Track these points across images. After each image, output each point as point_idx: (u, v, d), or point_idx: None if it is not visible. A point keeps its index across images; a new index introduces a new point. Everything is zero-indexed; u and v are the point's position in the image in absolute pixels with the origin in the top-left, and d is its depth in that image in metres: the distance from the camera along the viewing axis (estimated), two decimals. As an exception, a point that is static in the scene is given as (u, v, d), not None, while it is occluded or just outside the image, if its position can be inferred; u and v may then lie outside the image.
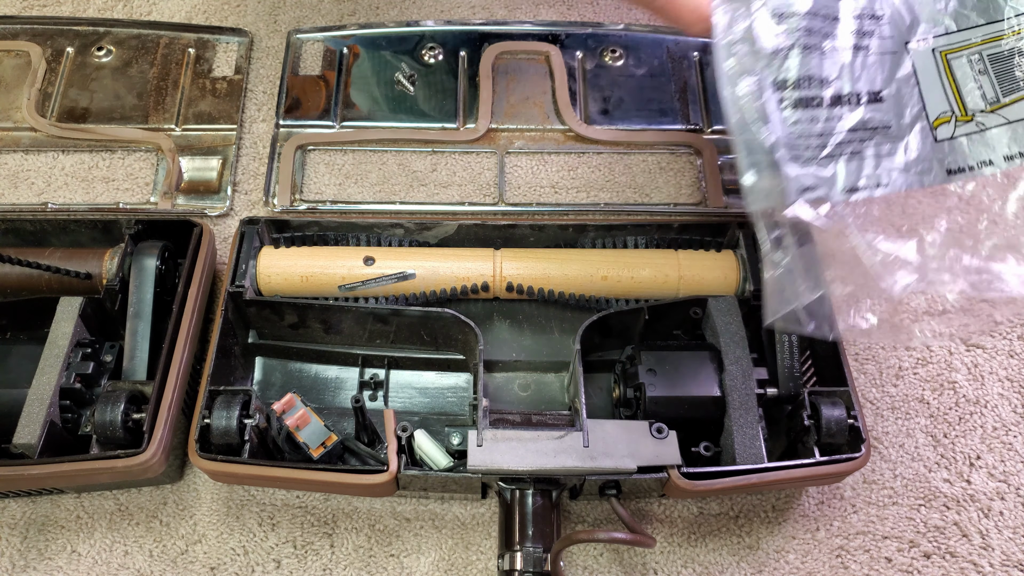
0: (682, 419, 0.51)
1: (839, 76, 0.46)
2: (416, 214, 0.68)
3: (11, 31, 0.76)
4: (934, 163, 0.48)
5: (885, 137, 0.47)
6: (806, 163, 0.46)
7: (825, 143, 0.46)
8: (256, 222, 0.60)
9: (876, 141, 0.47)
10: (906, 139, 0.48)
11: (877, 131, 0.47)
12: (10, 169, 0.71)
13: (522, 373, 0.59)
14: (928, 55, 0.48)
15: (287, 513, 0.57)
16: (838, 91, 0.46)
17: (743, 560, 0.55)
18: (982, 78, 0.48)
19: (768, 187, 0.45)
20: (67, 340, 0.53)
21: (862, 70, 0.47)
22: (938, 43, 0.48)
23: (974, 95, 0.48)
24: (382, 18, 0.79)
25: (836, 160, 0.46)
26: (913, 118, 0.48)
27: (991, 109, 0.48)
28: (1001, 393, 0.61)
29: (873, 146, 0.47)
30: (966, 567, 0.55)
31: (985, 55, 0.48)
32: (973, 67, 0.48)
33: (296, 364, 0.61)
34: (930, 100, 0.48)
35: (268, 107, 0.74)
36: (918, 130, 0.48)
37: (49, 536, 0.56)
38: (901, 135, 0.48)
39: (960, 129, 0.48)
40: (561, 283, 0.59)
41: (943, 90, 0.48)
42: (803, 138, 0.46)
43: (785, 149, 0.45)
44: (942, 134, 0.48)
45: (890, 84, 0.48)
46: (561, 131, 0.72)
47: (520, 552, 0.49)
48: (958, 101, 0.48)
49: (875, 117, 0.47)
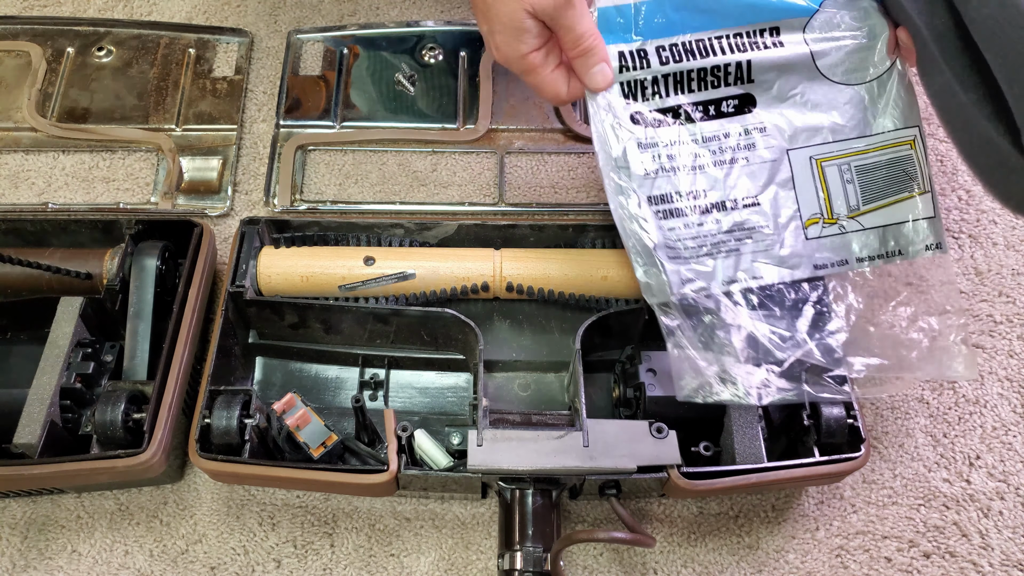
0: (682, 419, 0.51)
1: (713, 188, 0.53)
2: (416, 214, 0.68)
3: (11, 31, 0.77)
4: (804, 259, 0.54)
5: (762, 236, 0.53)
6: (684, 261, 0.53)
7: (703, 244, 0.53)
8: (256, 222, 0.60)
9: (754, 239, 0.53)
10: (782, 236, 0.54)
11: (754, 231, 0.53)
12: (11, 169, 0.71)
13: (522, 373, 0.59)
14: (806, 161, 0.54)
15: (287, 513, 0.57)
16: (715, 200, 0.53)
17: (743, 560, 0.55)
18: (848, 186, 0.53)
19: (656, 284, 0.52)
20: (67, 340, 0.54)
21: (738, 179, 0.53)
22: (815, 151, 0.53)
23: (839, 200, 0.53)
24: (382, 18, 0.79)
25: (714, 257, 0.53)
26: (788, 218, 0.54)
27: (851, 215, 0.54)
28: (1001, 393, 0.61)
29: (751, 243, 0.53)
30: (966, 567, 0.55)
31: (853, 166, 0.53)
32: (842, 175, 0.53)
33: (296, 364, 0.61)
34: (804, 201, 0.54)
35: (268, 107, 0.74)
36: (792, 228, 0.54)
37: (49, 536, 0.56)
38: (777, 233, 0.53)
39: (826, 230, 0.54)
40: (561, 283, 0.59)
41: (815, 193, 0.54)
42: (680, 241, 0.52)
43: (663, 250, 0.52)
44: (812, 233, 0.54)
45: (768, 187, 0.53)
46: (561, 131, 0.73)
47: (520, 552, 0.49)
48: (827, 204, 0.54)
49: (751, 219, 0.53)
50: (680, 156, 0.53)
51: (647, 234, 0.52)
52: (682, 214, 0.52)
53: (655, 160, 0.52)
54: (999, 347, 0.63)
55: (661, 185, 0.52)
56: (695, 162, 0.53)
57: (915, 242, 0.53)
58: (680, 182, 0.53)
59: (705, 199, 0.53)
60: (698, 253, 0.53)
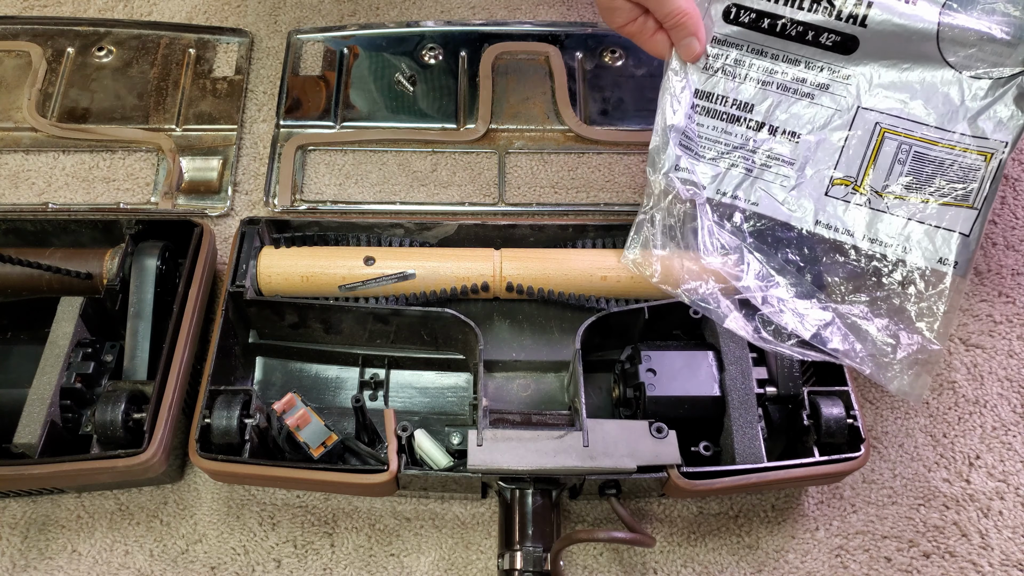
0: (682, 419, 0.51)
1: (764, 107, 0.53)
2: (416, 214, 0.68)
3: (11, 31, 0.77)
4: (810, 211, 0.54)
5: (783, 171, 0.54)
6: (694, 155, 0.54)
7: (722, 148, 0.54)
8: (256, 222, 0.60)
9: (773, 169, 0.54)
10: (802, 180, 0.54)
11: (778, 162, 0.54)
12: (11, 169, 0.71)
13: (522, 373, 0.59)
14: (871, 124, 0.53)
15: (287, 513, 0.57)
16: (758, 119, 0.54)
17: (743, 560, 0.55)
18: (898, 165, 0.52)
19: (655, 158, 0.54)
20: (68, 340, 0.54)
21: (793, 111, 0.53)
22: (886, 120, 0.52)
23: (880, 174, 0.52)
24: (382, 18, 0.79)
25: (720, 162, 0.54)
26: (819, 167, 0.53)
27: (884, 193, 0.52)
28: (1000, 393, 0.61)
29: (769, 173, 0.54)
30: (965, 567, 0.55)
31: (915, 149, 0.51)
32: (898, 153, 0.52)
33: (296, 364, 0.61)
34: (844, 160, 0.53)
35: (268, 107, 0.74)
36: (817, 179, 0.54)
37: (50, 536, 0.56)
38: (799, 175, 0.54)
39: (850, 196, 0.53)
40: (561, 283, 0.59)
41: (861, 157, 0.53)
42: (702, 137, 0.54)
43: (677, 134, 0.54)
44: (834, 192, 0.54)
45: (817, 132, 0.53)
46: (561, 131, 0.73)
47: (520, 551, 0.49)
48: (865, 173, 0.53)
49: (782, 152, 0.54)
50: (750, 66, 0.53)
51: (673, 113, 0.53)
52: (718, 115, 0.54)
53: (720, 60, 0.53)
54: (999, 347, 0.63)
55: (715, 84, 0.53)
56: (764, 76, 0.53)
57: (933, 250, 0.51)
58: (736, 89, 0.53)
59: (749, 113, 0.53)
60: (710, 154, 0.54)
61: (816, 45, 0.51)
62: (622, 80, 0.75)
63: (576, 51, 0.76)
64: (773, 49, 0.52)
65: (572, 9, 0.80)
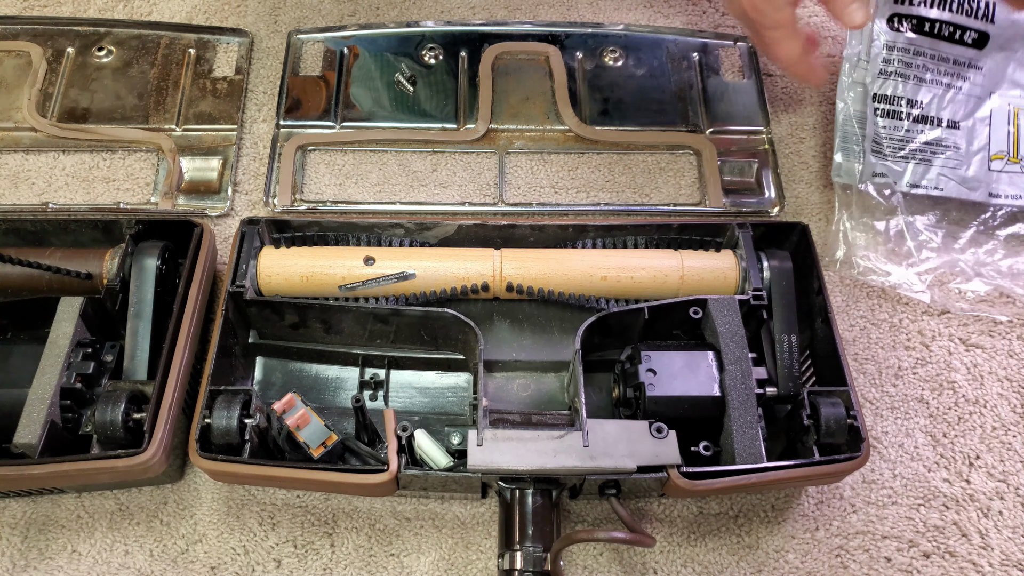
0: (682, 419, 0.51)
1: (929, 102, 0.64)
2: (416, 214, 0.68)
3: (11, 31, 0.77)
4: (983, 184, 0.64)
5: (953, 155, 0.64)
6: (883, 157, 0.63)
7: (903, 147, 0.63)
8: (256, 222, 0.60)
9: (946, 155, 0.63)
10: (970, 160, 0.64)
11: (948, 148, 0.64)
12: (11, 169, 0.71)
13: (522, 373, 0.59)
14: (1005, 106, 0.65)
15: (287, 513, 0.57)
16: (924, 113, 0.64)
17: (743, 560, 0.55)
18: None
19: (846, 166, 0.64)
20: (68, 340, 0.54)
21: (948, 102, 0.64)
22: (1017, 103, 0.65)
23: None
24: (382, 18, 0.79)
25: (908, 160, 0.63)
26: (979, 148, 0.64)
27: None
28: (1000, 393, 0.61)
29: (942, 159, 0.64)
30: (965, 567, 0.55)
31: None
32: None
33: (296, 364, 0.61)
34: (995, 138, 0.64)
35: (268, 107, 0.74)
36: (979, 157, 0.64)
37: (50, 536, 0.56)
38: (967, 157, 0.64)
39: (1008, 167, 0.64)
40: (561, 283, 0.59)
41: (1007, 135, 0.64)
42: (887, 139, 0.63)
43: (871, 142, 0.63)
44: (995, 166, 0.64)
45: (969, 118, 0.64)
46: (561, 131, 0.73)
47: (520, 552, 0.49)
48: (1015, 145, 0.64)
49: (948, 139, 0.64)
50: (914, 66, 0.63)
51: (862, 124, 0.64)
52: (897, 116, 0.63)
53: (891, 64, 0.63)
54: (999, 347, 0.63)
55: (890, 86, 0.63)
56: (925, 75, 0.63)
57: None
58: (907, 88, 0.63)
59: (919, 109, 0.63)
60: (896, 153, 0.63)
61: (959, 43, 0.63)
62: (622, 80, 0.75)
63: (576, 51, 0.76)
64: (928, 48, 0.63)
65: (572, 9, 0.80)
